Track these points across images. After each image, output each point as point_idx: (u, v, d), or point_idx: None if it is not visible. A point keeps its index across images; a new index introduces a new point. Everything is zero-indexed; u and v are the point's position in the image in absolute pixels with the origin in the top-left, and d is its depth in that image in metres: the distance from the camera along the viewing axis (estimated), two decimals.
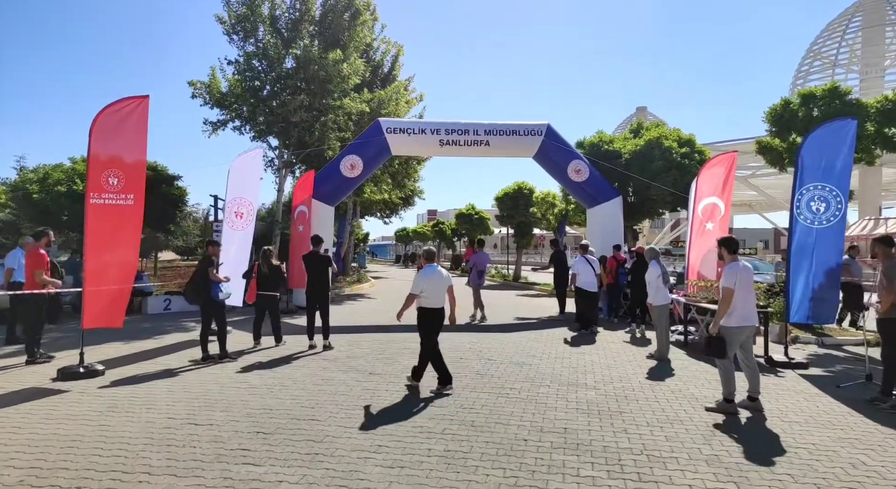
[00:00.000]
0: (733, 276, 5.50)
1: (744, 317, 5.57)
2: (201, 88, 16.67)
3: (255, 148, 10.63)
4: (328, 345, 8.78)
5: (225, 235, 9.96)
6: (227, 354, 7.85)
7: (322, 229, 14.54)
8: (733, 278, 5.50)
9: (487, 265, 12.97)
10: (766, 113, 10.90)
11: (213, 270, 7.80)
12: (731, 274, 5.52)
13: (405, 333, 10.28)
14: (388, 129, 14.53)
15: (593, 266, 10.35)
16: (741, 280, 5.54)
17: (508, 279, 27.67)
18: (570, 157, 14.87)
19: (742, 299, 5.54)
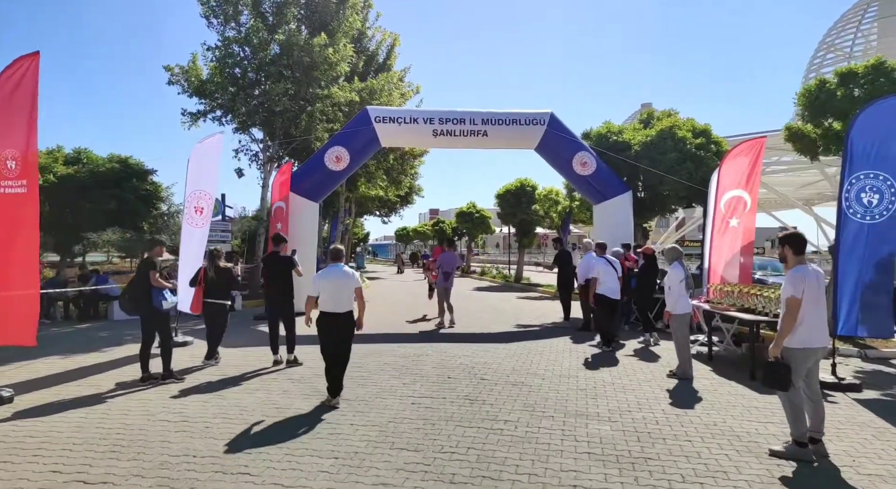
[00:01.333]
0: (800, 283, 4.31)
1: (813, 335, 4.36)
2: (179, 74, 15.53)
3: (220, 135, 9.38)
4: (294, 360, 7.58)
5: (184, 234, 8.77)
6: (172, 374, 6.64)
7: (304, 228, 13.36)
8: (800, 285, 4.30)
9: (455, 267, 11.82)
10: (798, 95, 9.65)
11: (155, 274, 6.60)
12: (797, 280, 4.33)
13: (390, 345, 9.07)
14: (378, 117, 13.32)
15: (616, 268, 9.10)
16: (810, 288, 4.33)
17: (510, 280, 26.43)
18: (575, 149, 13.64)
19: (811, 313, 4.34)
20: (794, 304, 4.29)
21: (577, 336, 10.24)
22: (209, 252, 7.92)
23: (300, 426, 4.97)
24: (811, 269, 4.41)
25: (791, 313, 4.30)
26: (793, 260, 4.49)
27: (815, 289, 4.36)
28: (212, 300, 7.66)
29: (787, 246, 4.52)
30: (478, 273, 32.71)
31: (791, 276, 4.37)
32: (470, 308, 14.92)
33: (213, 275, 7.69)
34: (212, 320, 7.74)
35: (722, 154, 13.94)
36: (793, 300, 4.30)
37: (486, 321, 12.30)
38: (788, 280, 4.38)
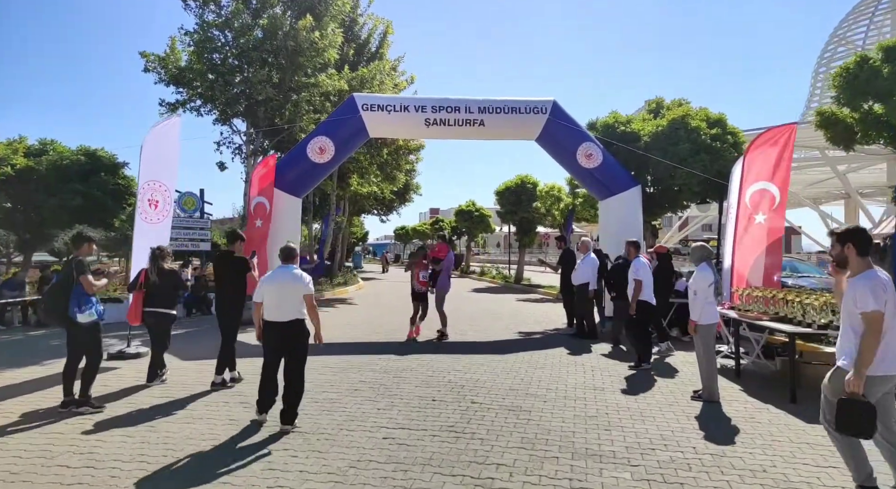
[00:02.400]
0: (882, 293, 3.27)
1: (892, 358, 3.32)
2: (155, 61, 14.48)
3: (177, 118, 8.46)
4: (235, 379, 6.54)
5: (137, 230, 7.73)
6: (89, 400, 5.51)
7: (285, 225, 12.29)
8: (882, 295, 3.27)
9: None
10: (834, 75, 8.59)
11: (87, 278, 5.50)
12: (877, 288, 3.29)
13: (372, 357, 8.00)
14: (365, 105, 12.23)
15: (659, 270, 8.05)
16: (893, 300, 3.30)
17: (510, 281, 25.39)
18: (579, 140, 12.54)
19: (893, 330, 3.30)
20: (878, 320, 3.24)
21: (581, 345, 9.17)
22: (151, 251, 6.85)
23: (234, 471, 3.90)
24: (885, 277, 3.37)
25: (876, 332, 3.24)
26: (858, 263, 3.44)
27: (895, 301, 3.33)
28: (153, 309, 6.57)
29: (849, 244, 3.45)
30: (477, 273, 31.67)
31: (866, 284, 3.31)
32: (466, 311, 13.86)
33: (156, 278, 6.60)
34: (154, 333, 6.68)
35: (739, 146, 12.88)
36: (877, 315, 3.24)
37: (482, 327, 11.23)
38: (863, 288, 3.30)
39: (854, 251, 3.44)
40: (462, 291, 21.18)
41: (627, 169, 12.94)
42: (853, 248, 3.45)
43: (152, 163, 7.70)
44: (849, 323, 3.40)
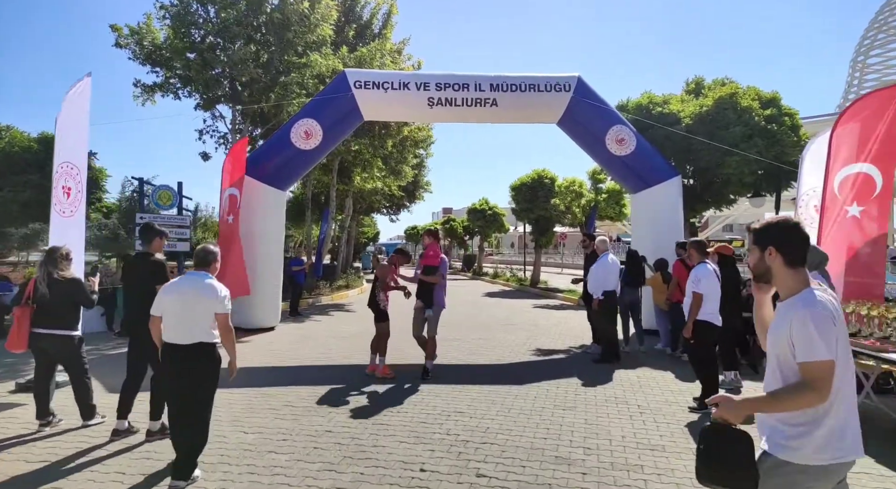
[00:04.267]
0: (828, 329, 2.01)
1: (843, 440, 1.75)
2: (128, 36, 12.87)
3: (87, 77, 6.73)
4: (127, 429, 4.75)
5: (54, 227, 6.05)
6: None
7: (266, 224, 10.59)
8: (830, 333, 2.01)
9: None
10: None
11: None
12: (820, 323, 2.01)
13: (347, 392, 6.21)
14: (358, 82, 10.49)
15: (719, 281, 5.94)
16: (844, 336, 2.10)
17: (525, 283, 23.51)
18: (609, 122, 10.69)
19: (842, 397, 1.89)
20: (827, 373, 1.97)
21: (610, 372, 7.31)
22: (45, 254, 5.14)
23: None
24: (829, 296, 2.10)
25: (820, 391, 1.96)
26: (787, 277, 2.14)
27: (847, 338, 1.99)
28: (47, 330, 4.86)
29: (771, 248, 2.16)
30: (490, 275, 29.82)
31: (805, 316, 2.01)
32: (476, 321, 12.05)
33: (46, 291, 4.88)
34: (62, 362, 5.01)
35: (797, 129, 10.94)
36: (825, 366, 1.96)
37: (494, 343, 9.41)
38: (802, 323, 2.00)
39: (780, 259, 2.11)
40: (474, 296, 19.39)
41: (664, 156, 11.07)
42: (777, 255, 2.11)
43: (66, 140, 6.00)
44: (780, 371, 2.07)
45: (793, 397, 1.93)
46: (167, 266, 4.87)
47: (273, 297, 10.79)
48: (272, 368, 7.37)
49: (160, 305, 3.87)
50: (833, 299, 2.05)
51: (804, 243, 2.10)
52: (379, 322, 7.02)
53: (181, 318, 3.76)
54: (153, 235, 4.93)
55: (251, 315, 10.42)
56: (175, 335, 3.76)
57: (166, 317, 3.82)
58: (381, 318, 7.01)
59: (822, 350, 1.90)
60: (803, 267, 2.08)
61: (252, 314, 10.42)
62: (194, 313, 3.75)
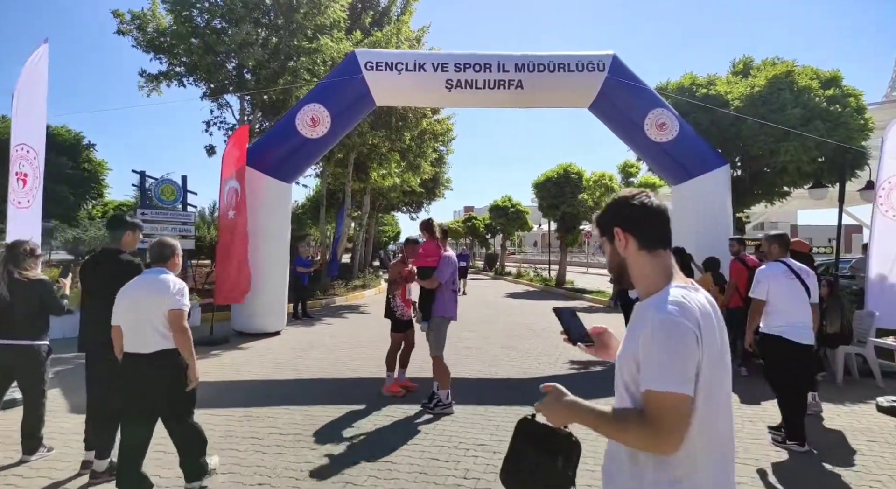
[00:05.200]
0: (685, 348, 1.33)
1: None
2: (130, 23, 12.17)
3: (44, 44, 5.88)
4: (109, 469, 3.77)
5: (11, 220, 5.22)
6: None
7: (270, 219, 9.73)
8: (686, 355, 1.33)
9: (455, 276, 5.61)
10: None
11: None
12: (671, 337, 1.34)
13: (349, 410, 5.25)
14: (369, 63, 9.55)
15: (807, 285, 4.59)
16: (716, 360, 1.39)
17: (550, 284, 22.41)
18: (649, 105, 9.57)
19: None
20: (678, 413, 1.33)
21: None
22: (4, 250, 4.28)
23: None
24: (702, 300, 1.46)
25: (669, 435, 1.33)
26: (642, 267, 1.54)
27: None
28: (6, 341, 4.01)
29: (618, 230, 1.57)
30: (513, 275, 28.74)
31: (655, 325, 1.37)
32: (498, 326, 11.03)
33: (6, 293, 4.05)
34: (18, 379, 4.16)
35: (863, 110, 9.67)
36: (675, 400, 1.32)
37: (518, 353, 8.38)
38: (650, 336, 1.38)
39: (633, 243, 1.53)
40: (495, 297, 18.35)
41: (711, 144, 9.91)
42: (628, 238, 1.53)
43: (22, 119, 5.16)
44: (628, 393, 1.47)
45: (626, 427, 1.39)
46: (142, 267, 3.95)
47: (278, 300, 9.92)
48: (266, 382, 6.45)
49: (117, 313, 3.38)
50: (705, 302, 1.45)
51: (661, 218, 1.54)
52: (394, 331, 5.94)
53: (136, 324, 3.29)
54: (124, 229, 3.99)
55: (253, 319, 9.58)
56: (133, 344, 3.29)
57: (123, 326, 3.35)
58: (396, 328, 5.93)
59: (672, 378, 1.33)
60: (666, 251, 1.53)
61: (254, 318, 9.58)
62: (148, 316, 3.27)
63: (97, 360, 3.79)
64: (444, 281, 5.34)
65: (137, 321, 3.28)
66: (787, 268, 4.51)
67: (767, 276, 4.49)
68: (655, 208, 1.53)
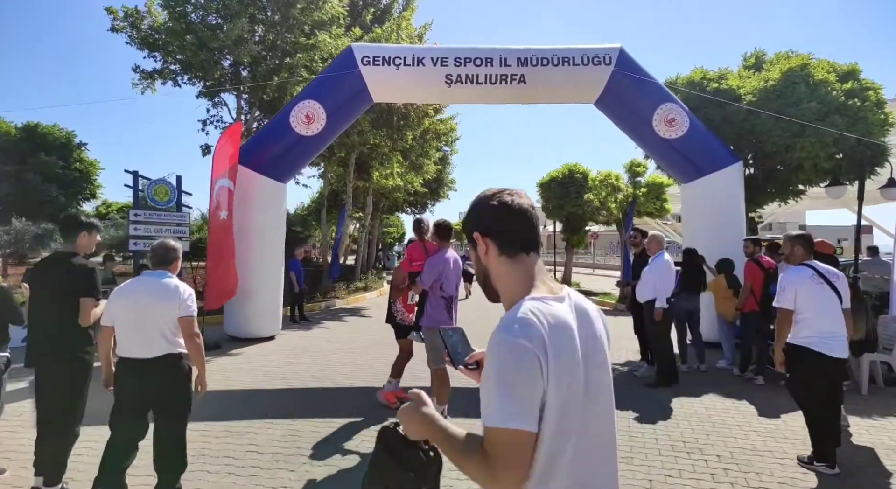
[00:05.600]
0: (517, 370, 1.15)
1: None
2: (123, 20, 11.89)
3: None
4: None
5: None
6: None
7: (267, 220, 9.40)
8: (519, 381, 1.15)
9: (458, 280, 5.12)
10: None
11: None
12: (505, 355, 1.16)
13: (339, 424, 4.87)
14: (366, 58, 9.20)
15: (839, 293, 4.12)
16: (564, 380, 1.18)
17: None
18: (657, 100, 9.17)
19: None
20: (509, 450, 1.16)
21: (667, 400, 5.83)
22: None
23: None
24: (563, 310, 1.26)
25: (502, 471, 1.16)
26: (501, 275, 1.37)
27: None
28: None
29: (476, 233, 1.40)
30: None
31: (496, 339, 1.21)
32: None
33: None
34: None
35: (883, 104, 9.23)
36: (502, 437, 1.16)
37: None
38: (489, 358, 1.20)
39: (493, 248, 1.37)
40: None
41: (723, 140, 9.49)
42: (487, 243, 1.38)
43: None
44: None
45: (469, 458, 1.20)
46: (97, 272, 3.59)
47: (272, 303, 9.58)
48: (251, 392, 6.09)
49: (111, 314, 3.28)
50: (563, 314, 1.23)
51: (523, 219, 1.36)
52: (398, 338, 5.60)
53: (138, 328, 3.21)
54: (78, 229, 3.64)
55: (247, 323, 9.25)
56: (132, 348, 3.20)
57: (120, 329, 3.25)
58: (399, 334, 5.58)
59: (504, 412, 1.14)
60: (530, 255, 1.36)
61: (248, 322, 9.25)
62: (154, 320, 3.22)
63: (46, 373, 3.43)
64: (426, 285, 4.85)
65: (140, 325, 3.20)
66: (814, 272, 4.08)
67: (793, 282, 4.05)
68: (516, 207, 1.36)
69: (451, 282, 4.98)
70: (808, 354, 3.93)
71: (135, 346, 3.20)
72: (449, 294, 4.95)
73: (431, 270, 4.84)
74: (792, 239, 4.26)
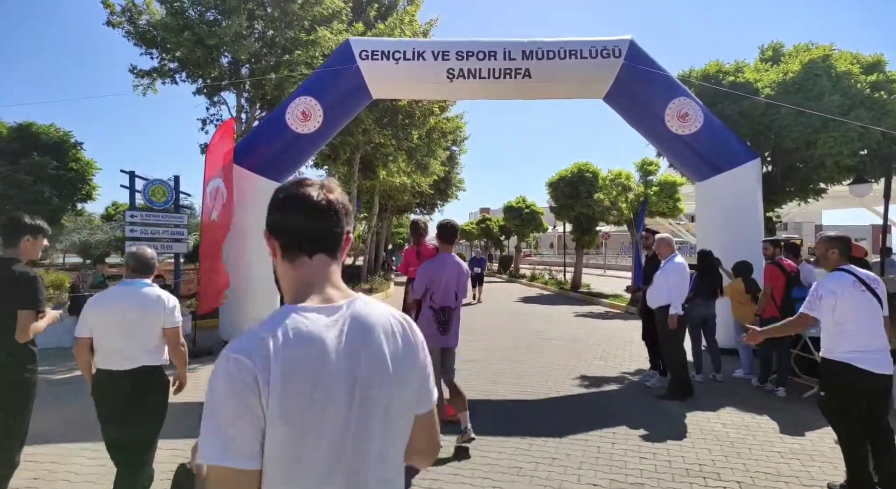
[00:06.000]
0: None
1: None
2: (120, 14, 11.66)
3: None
4: None
5: None
6: None
7: (260, 220, 9.04)
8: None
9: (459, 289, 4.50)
10: None
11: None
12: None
13: None
14: (364, 52, 8.84)
15: (880, 300, 3.64)
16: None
17: (565, 287, 21.57)
18: (669, 94, 8.72)
19: None
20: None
21: (681, 414, 5.40)
22: None
23: None
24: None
25: None
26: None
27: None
28: None
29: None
30: (527, 278, 27.89)
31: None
32: (508, 333, 10.25)
33: None
34: None
35: None
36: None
37: (523, 367, 7.58)
38: None
39: (278, 248, 1.24)
40: (506, 301, 17.55)
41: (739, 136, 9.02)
42: (273, 242, 1.24)
43: None
44: None
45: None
46: (40, 280, 3.25)
47: (269, 307, 9.24)
48: None
49: (88, 323, 3.08)
50: (320, 328, 1.08)
51: (305, 213, 1.17)
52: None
53: (119, 339, 3.05)
54: (21, 233, 3.30)
55: (243, 327, 8.91)
56: (111, 360, 3.05)
57: (99, 340, 3.07)
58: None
59: (210, 445, 1.00)
60: (312, 258, 1.17)
61: (244, 326, 8.91)
62: (136, 331, 3.08)
63: None
64: (416, 294, 4.40)
65: (120, 336, 3.05)
66: (855, 279, 3.61)
67: (833, 291, 3.55)
68: (301, 201, 1.17)
69: (447, 291, 4.37)
70: (850, 371, 3.47)
71: (113, 358, 3.05)
72: (441, 305, 4.36)
73: (420, 278, 4.39)
74: (828, 241, 3.77)
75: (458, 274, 4.43)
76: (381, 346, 1.13)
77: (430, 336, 4.23)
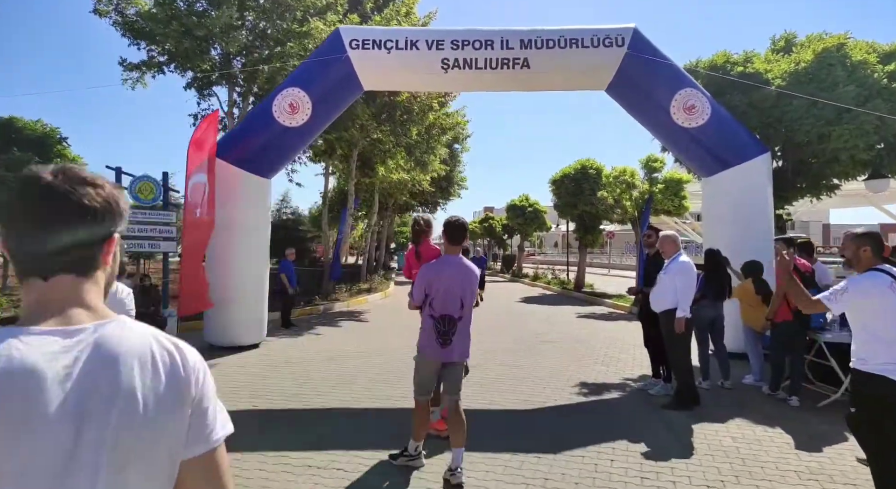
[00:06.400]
0: None
1: None
2: (108, 2, 11.30)
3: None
4: None
5: None
6: None
7: (248, 219, 8.70)
8: None
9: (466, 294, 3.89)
10: None
11: None
12: None
13: (311, 435, 4.12)
14: (355, 41, 8.45)
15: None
16: None
17: (568, 287, 21.14)
18: (675, 85, 8.29)
19: None
20: None
21: (687, 425, 4.99)
22: None
23: None
24: None
25: None
26: None
27: None
28: None
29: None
30: (530, 277, 27.46)
31: None
32: (508, 335, 9.85)
33: None
34: None
35: None
36: None
37: (522, 373, 7.17)
38: None
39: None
40: (507, 301, 17.15)
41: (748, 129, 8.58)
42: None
43: None
44: None
45: None
46: None
47: (256, 308, 8.89)
48: None
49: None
50: (45, 355, 0.88)
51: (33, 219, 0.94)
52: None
53: None
54: None
55: (228, 330, 8.58)
56: None
57: None
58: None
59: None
60: (46, 281, 0.95)
61: (228, 329, 8.58)
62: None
63: None
64: (416, 301, 3.92)
65: None
66: (893, 280, 3.17)
67: (868, 292, 3.12)
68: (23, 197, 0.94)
69: (447, 297, 3.80)
70: (884, 383, 3.03)
71: None
72: (441, 313, 3.79)
73: (418, 282, 3.89)
74: (858, 238, 3.32)
75: (462, 278, 3.84)
76: (130, 380, 0.91)
77: (429, 347, 3.82)
